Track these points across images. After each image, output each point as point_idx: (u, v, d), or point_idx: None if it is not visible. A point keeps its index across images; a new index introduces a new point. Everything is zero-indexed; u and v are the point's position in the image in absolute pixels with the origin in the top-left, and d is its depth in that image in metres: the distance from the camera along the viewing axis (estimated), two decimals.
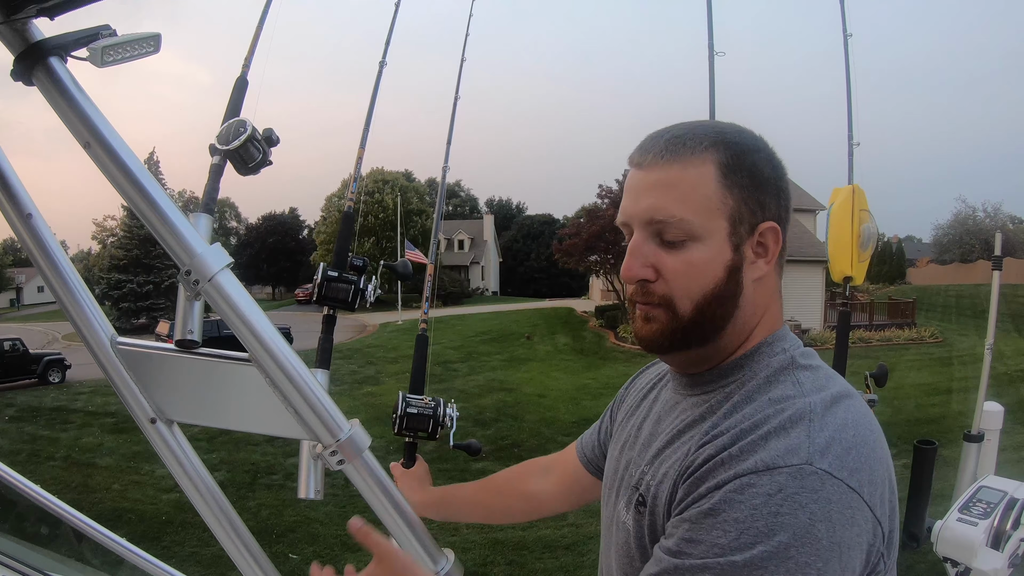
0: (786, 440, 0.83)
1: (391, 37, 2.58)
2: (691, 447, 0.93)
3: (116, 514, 8.66)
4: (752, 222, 0.99)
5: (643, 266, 0.99)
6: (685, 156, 0.97)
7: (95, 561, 1.87)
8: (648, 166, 1.00)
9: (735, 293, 0.99)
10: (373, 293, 1.61)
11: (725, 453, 0.85)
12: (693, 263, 0.97)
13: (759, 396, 0.93)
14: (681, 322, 0.98)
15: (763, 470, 0.80)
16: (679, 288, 0.97)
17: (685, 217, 0.96)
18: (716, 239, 0.97)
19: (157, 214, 0.77)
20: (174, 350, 0.92)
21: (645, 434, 1.12)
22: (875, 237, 3.06)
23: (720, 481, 0.82)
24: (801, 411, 0.87)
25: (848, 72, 3.52)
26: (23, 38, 0.72)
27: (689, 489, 0.87)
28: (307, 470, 1.32)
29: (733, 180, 0.97)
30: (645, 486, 1.00)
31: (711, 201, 0.96)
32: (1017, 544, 2.54)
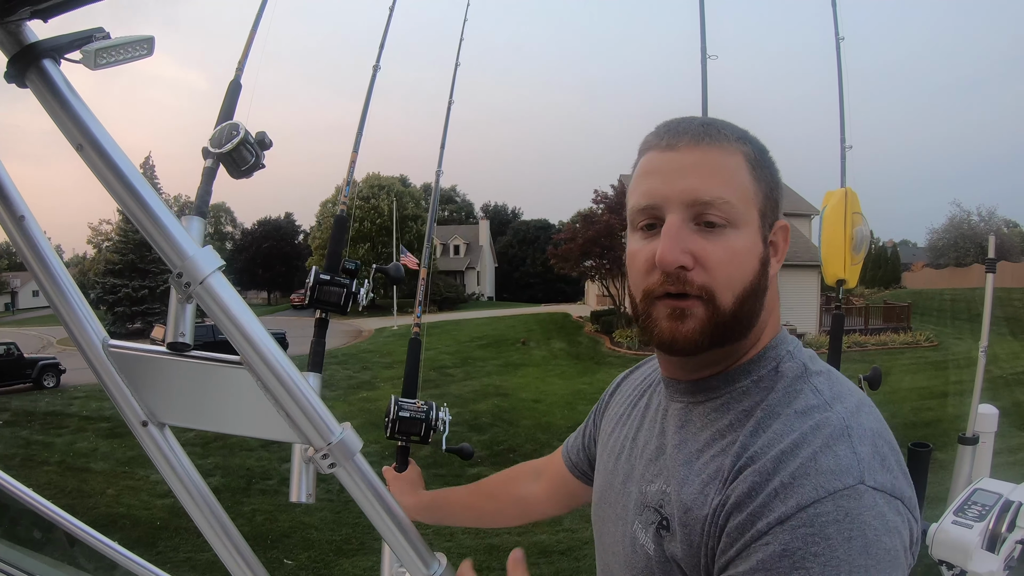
0: (834, 460, 0.81)
1: (385, 41, 2.58)
2: (723, 470, 0.89)
3: (110, 519, 8.63)
4: (771, 219, 0.98)
5: (683, 251, 0.91)
6: (721, 142, 0.94)
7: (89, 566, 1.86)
8: (684, 148, 0.94)
9: (765, 288, 0.97)
10: (365, 297, 1.61)
11: (776, 481, 0.81)
12: (735, 251, 0.92)
13: (783, 409, 0.90)
14: (722, 316, 0.92)
15: (825, 497, 0.78)
16: (722, 278, 0.92)
17: (729, 199, 0.91)
18: (752, 229, 0.94)
19: (149, 217, 0.77)
20: (166, 353, 0.92)
21: (651, 447, 1.06)
22: (868, 240, 3.07)
23: (782, 515, 0.78)
24: (838, 427, 0.85)
25: (840, 75, 3.52)
26: (17, 40, 0.72)
27: (744, 526, 0.82)
28: (299, 474, 1.32)
29: (759, 175, 0.95)
30: (669, 509, 0.94)
31: (747, 190, 0.94)
32: (1012, 547, 2.54)
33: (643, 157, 1.00)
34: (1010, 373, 17.62)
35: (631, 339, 25.65)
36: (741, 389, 0.96)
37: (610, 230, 29.38)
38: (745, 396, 0.95)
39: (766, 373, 0.96)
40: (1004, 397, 14.27)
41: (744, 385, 0.96)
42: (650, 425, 1.10)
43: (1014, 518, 2.60)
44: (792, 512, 0.78)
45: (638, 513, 1.01)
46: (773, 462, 0.83)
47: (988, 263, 3.59)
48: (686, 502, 0.91)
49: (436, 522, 1.65)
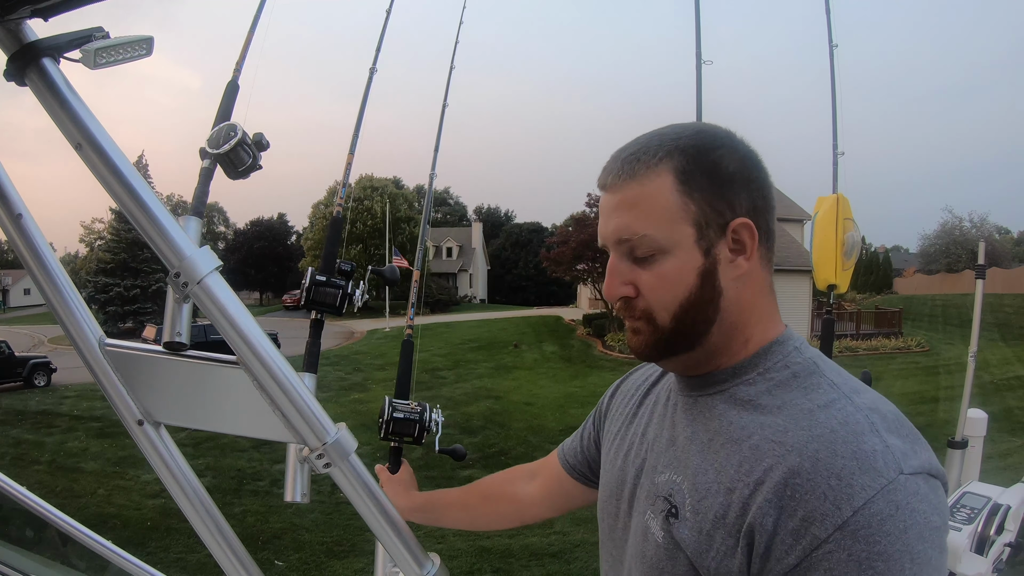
0: (872, 456, 0.83)
1: (382, 44, 2.59)
2: (747, 461, 0.91)
3: (101, 519, 8.60)
4: (720, 222, 0.99)
5: (622, 284, 1.03)
6: (640, 172, 1.00)
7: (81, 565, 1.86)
8: (611, 187, 1.03)
9: (712, 297, 1.00)
10: (361, 298, 1.61)
11: (824, 484, 0.83)
12: (664, 275, 0.99)
13: (805, 402, 0.92)
14: (662, 332, 1.01)
15: (875, 495, 0.80)
16: (655, 301, 1.00)
17: (648, 233, 0.98)
18: (683, 247, 0.98)
19: (147, 216, 0.78)
20: (162, 352, 0.92)
21: (662, 440, 1.10)
22: (859, 245, 3.08)
23: (840, 521, 0.80)
24: (865, 420, 0.88)
25: (833, 82, 3.54)
26: (17, 38, 0.72)
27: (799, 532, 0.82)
28: (294, 473, 1.32)
29: (693, 185, 0.98)
30: (679, 497, 0.98)
31: (672, 212, 0.98)
32: (1001, 549, 2.55)
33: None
34: (1000, 379, 17.68)
35: (623, 343, 25.63)
36: (749, 381, 1.00)
37: None
38: (752, 387, 0.99)
39: (773, 366, 0.99)
40: (994, 402, 14.32)
41: (751, 377, 1.00)
42: (660, 420, 1.14)
43: (1002, 521, 2.61)
44: (849, 516, 0.80)
45: (650, 503, 1.04)
46: (812, 463, 0.85)
47: (978, 269, 3.61)
48: (700, 489, 0.95)
49: (429, 523, 1.63)
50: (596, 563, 1.27)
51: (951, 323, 30.13)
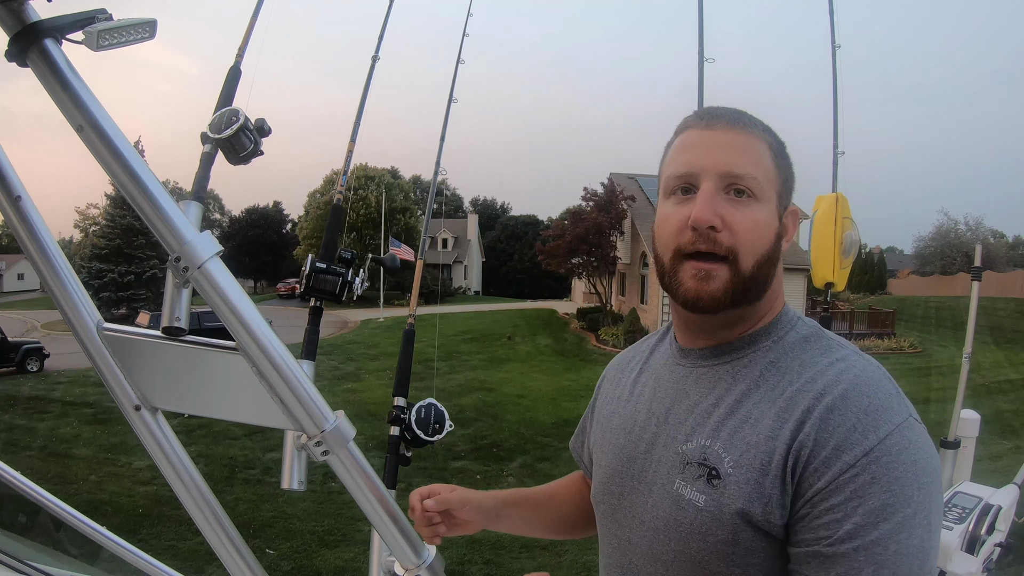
0: (888, 398, 0.97)
1: (384, 32, 2.58)
2: (785, 410, 1.00)
3: (92, 506, 8.59)
4: (785, 202, 1.12)
5: (715, 214, 1.05)
6: (751, 129, 1.10)
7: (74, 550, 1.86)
8: (721, 128, 1.09)
9: (777, 259, 1.11)
10: (360, 286, 1.61)
11: (853, 418, 0.94)
12: (758, 221, 1.06)
13: (823, 359, 1.04)
14: (743, 277, 1.06)
15: (894, 430, 0.93)
16: (745, 242, 1.06)
17: (758, 176, 1.06)
18: (771, 206, 1.09)
19: (148, 200, 0.77)
20: (161, 337, 0.92)
21: (678, 411, 1.14)
22: (857, 244, 3.09)
23: (866, 448, 0.92)
24: (877, 370, 1.02)
25: (835, 82, 3.54)
26: (19, 18, 0.71)
27: (830, 460, 0.93)
28: (291, 461, 1.32)
29: (779, 163, 1.10)
30: (715, 458, 1.03)
31: (770, 173, 1.09)
32: (991, 549, 2.57)
33: (681, 134, 1.14)
34: (992, 381, 17.77)
35: (616, 337, 25.71)
36: (764, 348, 1.10)
37: (598, 228, 29.41)
38: (769, 352, 1.09)
39: (784, 334, 1.10)
40: (986, 405, 14.36)
41: (767, 344, 1.10)
42: (668, 393, 1.18)
43: (993, 521, 2.62)
44: (874, 445, 0.92)
45: (677, 472, 1.09)
46: (843, 401, 0.96)
47: (974, 271, 3.62)
48: (739, 446, 1.02)
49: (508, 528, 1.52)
50: (586, 556, 1.28)
51: (944, 325, 30.22)
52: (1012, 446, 11.88)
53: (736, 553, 1.00)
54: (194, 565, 6.62)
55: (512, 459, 11.38)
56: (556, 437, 12.23)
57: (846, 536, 0.91)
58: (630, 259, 31.39)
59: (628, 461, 1.19)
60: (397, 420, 1.79)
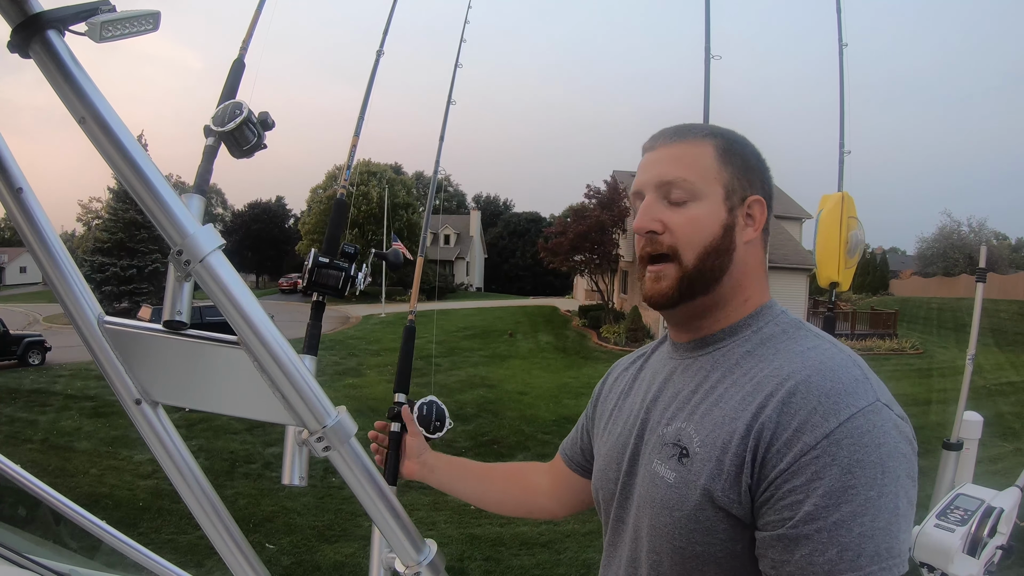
0: (854, 382, 0.99)
1: (389, 26, 2.57)
2: (750, 393, 1.05)
3: (93, 499, 8.61)
4: (742, 194, 1.18)
5: (652, 220, 1.16)
6: (689, 138, 1.19)
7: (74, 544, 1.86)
8: (658, 147, 1.21)
9: (729, 248, 1.16)
10: (363, 281, 1.60)
11: (815, 400, 0.98)
12: (695, 218, 1.15)
13: (795, 346, 1.09)
14: (686, 271, 1.15)
15: (856, 413, 0.95)
16: (683, 239, 1.15)
17: (688, 178, 1.15)
18: (713, 200, 1.16)
19: (150, 193, 0.76)
20: (162, 331, 0.91)
21: (665, 399, 1.22)
22: (862, 244, 3.08)
23: (826, 430, 0.95)
24: (847, 357, 1.05)
25: (842, 81, 3.53)
26: (21, 9, 0.71)
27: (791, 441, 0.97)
28: (292, 456, 1.31)
29: (727, 160, 1.18)
30: (687, 438, 1.10)
31: (709, 170, 1.16)
32: (993, 551, 2.56)
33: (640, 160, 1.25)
34: (993, 383, 17.76)
35: (618, 335, 25.72)
36: (743, 338, 1.16)
37: (601, 225, 29.40)
38: (747, 342, 1.15)
39: (764, 325, 1.17)
40: (987, 407, 14.34)
41: (746, 335, 1.17)
42: (660, 385, 1.25)
43: (995, 524, 2.62)
44: (834, 427, 0.95)
45: (656, 453, 1.16)
46: (805, 384, 1.00)
47: (979, 273, 3.61)
48: (707, 426, 1.08)
49: (441, 485, 1.70)
50: (586, 553, 1.31)
51: (946, 326, 30.20)
52: (1013, 448, 11.89)
53: (697, 530, 1.05)
54: (194, 559, 6.62)
55: (513, 455, 11.36)
56: (557, 434, 12.18)
57: (807, 517, 0.93)
58: (632, 257, 31.35)
59: (623, 447, 1.27)
60: (398, 417, 1.78)
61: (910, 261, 65.98)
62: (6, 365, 19.45)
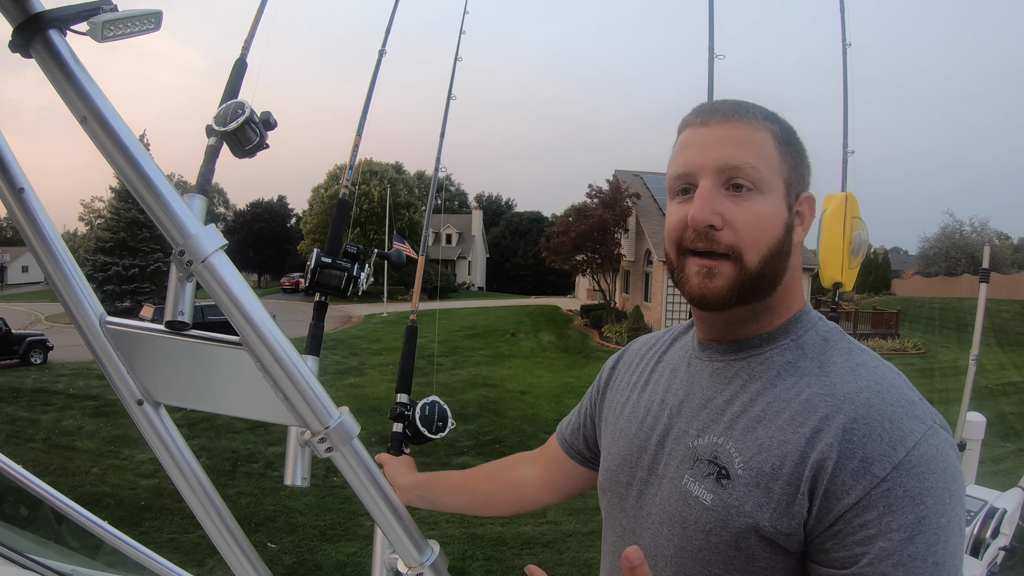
0: (912, 406, 0.94)
1: (391, 26, 2.57)
2: (800, 414, 0.97)
3: (95, 498, 8.62)
4: (797, 190, 1.08)
5: (713, 212, 1.01)
6: (750, 120, 1.05)
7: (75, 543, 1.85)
8: (716, 124, 1.05)
9: (788, 252, 1.07)
10: (366, 281, 1.60)
11: (879, 428, 0.91)
12: (760, 214, 1.02)
13: (844, 361, 1.01)
14: (748, 274, 1.02)
15: (921, 439, 0.90)
16: (748, 238, 1.02)
17: (756, 166, 1.02)
18: (777, 196, 1.04)
19: (152, 193, 0.76)
20: (164, 331, 0.91)
21: (692, 405, 1.12)
22: (866, 244, 3.07)
23: (896, 461, 0.89)
24: (899, 378, 0.98)
25: (845, 80, 3.53)
26: (23, 9, 0.70)
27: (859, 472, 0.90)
28: (294, 457, 1.31)
29: (785, 150, 1.06)
30: (726, 457, 1.01)
31: (773, 162, 1.04)
32: (995, 552, 2.55)
33: (681, 134, 1.11)
34: (995, 384, 17.73)
35: (620, 334, 25.69)
36: (783, 346, 1.06)
37: (603, 225, 29.35)
38: (787, 352, 1.06)
39: (804, 334, 1.07)
40: (989, 407, 14.34)
41: (785, 343, 1.07)
42: (683, 384, 1.17)
43: (998, 525, 2.61)
44: (903, 456, 0.89)
45: (687, 467, 1.07)
46: (866, 409, 0.93)
47: (982, 273, 3.61)
48: (751, 447, 0.99)
49: (428, 505, 1.60)
50: (588, 553, 1.28)
51: (948, 326, 30.14)
52: (1015, 449, 11.86)
53: (737, 557, 0.98)
54: (195, 558, 6.63)
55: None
56: None
57: (883, 553, 0.88)
58: (634, 256, 31.35)
59: (639, 451, 1.18)
60: (400, 417, 1.78)
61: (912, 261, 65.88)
62: (8, 364, 19.45)
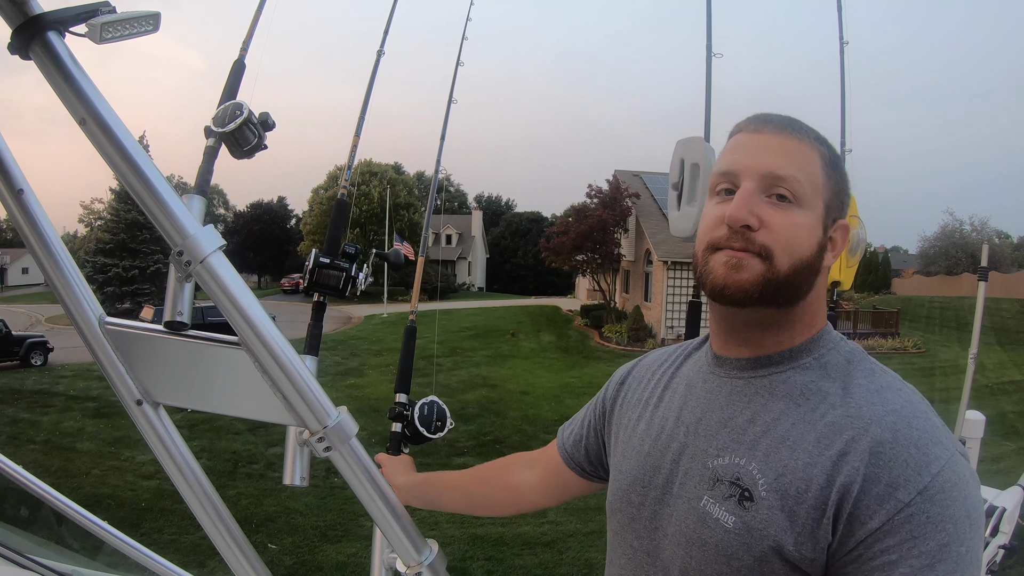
0: (935, 432, 0.93)
1: (390, 26, 2.57)
2: (825, 436, 0.96)
3: (95, 500, 8.62)
4: (835, 215, 1.07)
5: (751, 213, 1.01)
6: (801, 136, 1.05)
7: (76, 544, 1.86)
8: (769, 132, 1.06)
9: (817, 270, 1.06)
10: (364, 281, 1.60)
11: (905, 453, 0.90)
12: (798, 225, 1.02)
13: (869, 383, 1.00)
14: (777, 275, 1.01)
15: (944, 466, 0.90)
16: (782, 241, 1.01)
17: (801, 180, 1.02)
18: (815, 214, 1.04)
19: (151, 193, 0.77)
20: (163, 331, 0.91)
21: (710, 423, 1.10)
22: (864, 243, 3.07)
23: (920, 486, 0.88)
24: (923, 402, 0.98)
25: (843, 78, 3.53)
26: (22, 11, 0.71)
27: (883, 497, 0.89)
28: (293, 457, 1.31)
29: (830, 174, 1.06)
30: (749, 479, 0.99)
31: (817, 181, 1.04)
32: (995, 551, 2.56)
33: (732, 138, 1.12)
34: (995, 382, 17.72)
35: (620, 335, 25.69)
36: (805, 365, 1.05)
37: (603, 225, 29.33)
38: (810, 371, 1.04)
39: (826, 353, 1.06)
40: (989, 406, 14.33)
41: (807, 362, 1.05)
42: (700, 402, 1.14)
43: (997, 523, 2.62)
44: (927, 483, 0.88)
45: (706, 489, 1.05)
46: (892, 434, 0.92)
47: (980, 271, 3.61)
48: (775, 469, 0.97)
49: (426, 505, 1.60)
50: (588, 553, 1.26)
51: (948, 325, 30.13)
52: (1016, 448, 11.85)
53: None
54: (196, 559, 6.63)
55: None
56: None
57: None
58: (634, 256, 31.33)
59: (652, 470, 1.15)
60: (399, 417, 1.78)
61: (912, 260, 65.78)
62: (8, 366, 19.45)
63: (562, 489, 1.52)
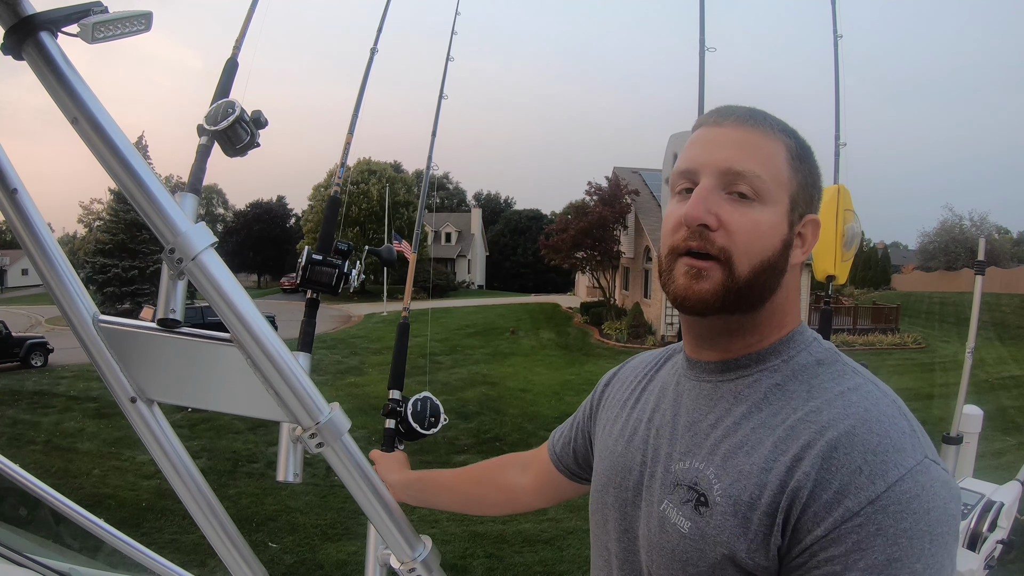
0: (900, 437, 0.87)
1: (383, 24, 2.57)
2: (782, 441, 0.92)
3: (96, 500, 8.63)
4: (802, 211, 1.03)
5: (708, 212, 0.97)
6: (764, 128, 1.01)
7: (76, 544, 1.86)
8: (729, 125, 1.01)
9: (782, 269, 1.02)
10: (357, 278, 1.60)
11: (859, 459, 0.85)
12: (758, 223, 0.98)
13: (834, 386, 0.95)
14: (736, 281, 0.97)
15: (905, 475, 0.84)
16: (741, 244, 0.97)
17: (761, 175, 0.97)
18: (779, 210, 1.00)
19: (142, 191, 0.77)
20: (156, 329, 0.92)
21: (674, 427, 1.07)
22: (859, 237, 3.06)
23: (871, 495, 0.83)
24: (892, 405, 0.92)
25: (837, 71, 3.52)
26: (14, 11, 0.71)
27: (831, 504, 0.85)
28: (286, 453, 1.32)
29: (797, 167, 1.01)
30: (705, 483, 0.96)
31: (781, 176, 1.00)
32: (993, 546, 2.56)
33: (694, 132, 1.07)
34: (995, 377, 17.72)
35: (620, 332, 25.69)
36: (773, 367, 1.01)
37: (602, 222, 29.32)
38: (777, 373, 1.00)
39: (796, 354, 1.01)
40: (989, 401, 14.34)
41: (775, 364, 1.01)
42: (670, 406, 1.11)
43: (995, 518, 2.61)
44: (881, 491, 0.83)
45: (667, 492, 1.02)
46: (848, 437, 0.87)
47: (977, 265, 3.61)
48: (731, 473, 0.94)
49: (420, 503, 1.60)
50: (588, 550, 1.26)
51: (948, 321, 30.16)
52: (1016, 442, 11.86)
53: None
54: (196, 559, 6.63)
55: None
56: None
57: None
58: (634, 253, 31.32)
59: (624, 471, 1.14)
60: (393, 413, 1.78)
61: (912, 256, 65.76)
62: (8, 367, 19.45)
63: (555, 490, 1.52)
